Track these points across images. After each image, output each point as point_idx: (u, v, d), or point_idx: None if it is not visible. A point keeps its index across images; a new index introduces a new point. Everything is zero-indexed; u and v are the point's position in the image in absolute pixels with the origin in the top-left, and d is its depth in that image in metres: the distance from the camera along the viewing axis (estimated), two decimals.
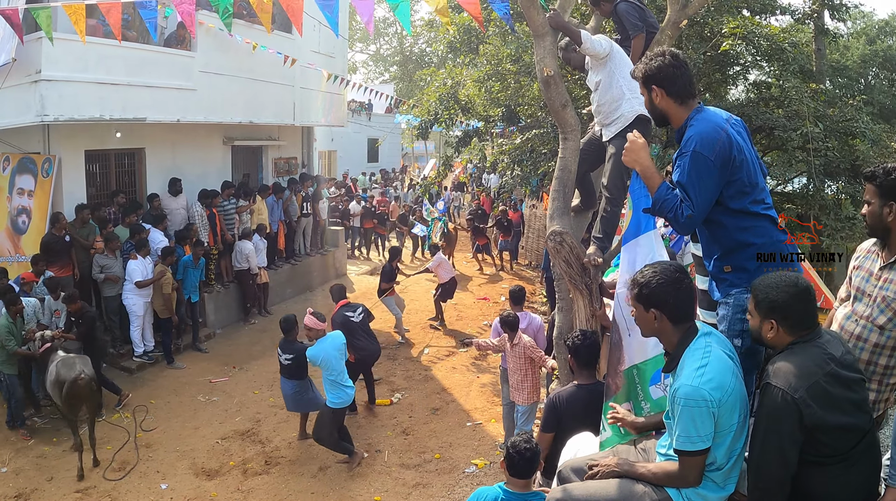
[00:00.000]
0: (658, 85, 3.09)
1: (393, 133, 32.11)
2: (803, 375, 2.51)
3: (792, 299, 2.63)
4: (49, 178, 9.91)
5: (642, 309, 2.82)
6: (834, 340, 2.66)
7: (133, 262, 10.07)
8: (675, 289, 2.72)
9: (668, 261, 2.92)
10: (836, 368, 2.53)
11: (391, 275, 12.32)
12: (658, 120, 3.24)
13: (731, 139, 2.94)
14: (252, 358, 11.21)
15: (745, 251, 3.03)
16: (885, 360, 3.07)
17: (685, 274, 2.79)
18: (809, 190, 12.60)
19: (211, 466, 7.93)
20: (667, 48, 3.20)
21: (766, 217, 3.05)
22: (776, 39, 11.49)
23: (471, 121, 17.60)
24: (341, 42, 15.86)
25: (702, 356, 2.64)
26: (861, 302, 3.19)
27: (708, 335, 2.74)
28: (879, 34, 30.15)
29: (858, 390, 2.58)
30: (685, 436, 2.60)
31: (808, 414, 2.46)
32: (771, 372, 2.60)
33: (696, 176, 2.92)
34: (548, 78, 5.19)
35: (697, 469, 2.66)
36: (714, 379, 2.57)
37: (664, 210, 3.00)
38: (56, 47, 8.63)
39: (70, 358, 7.75)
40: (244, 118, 12.93)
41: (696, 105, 3.10)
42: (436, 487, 7.50)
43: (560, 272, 5.19)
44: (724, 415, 2.58)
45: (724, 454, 2.64)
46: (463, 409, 9.48)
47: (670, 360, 2.77)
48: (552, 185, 5.40)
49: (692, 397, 2.56)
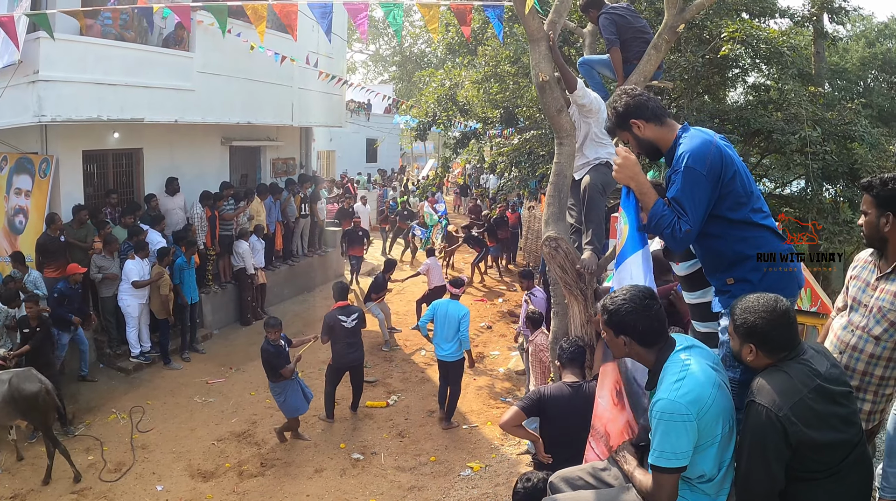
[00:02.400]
0: (634, 117, 3.12)
1: (392, 133, 32.11)
2: (787, 393, 2.48)
3: (769, 325, 2.59)
4: (47, 178, 9.91)
5: (612, 335, 2.83)
6: (818, 355, 2.63)
7: (130, 262, 10.06)
8: (644, 316, 2.72)
9: (638, 287, 2.88)
10: (822, 383, 2.51)
11: (382, 286, 12.29)
12: (649, 152, 3.24)
13: (722, 152, 2.95)
14: (249, 359, 11.19)
15: (748, 263, 3.02)
16: (881, 371, 3.07)
17: (654, 300, 2.79)
18: (807, 193, 12.62)
19: (207, 468, 7.93)
20: (622, 87, 3.28)
21: (765, 227, 3.04)
22: (775, 43, 11.51)
23: (469, 123, 17.61)
24: (340, 42, 15.84)
25: (679, 369, 2.63)
26: (857, 313, 3.19)
27: (688, 348, 2.73)
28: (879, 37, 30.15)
29: (846, 403, 2.56)
30: (659, 451, 2.59)
31: (794, 431, 2.43)
32: (755, 390, 2.58)
33: (691, 191, 2.92)
34: (543, 83, 5.19)
35: (668, 488, 2.63)
36: (691, 392, 2.55)
37: (661, 226, 2.98)
38: (54, 48, 8.64)
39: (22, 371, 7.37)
40: (242, 119, 12.92)
41: (676, 125, 3.12)
42: (431, 490, 7.50)
43: (555, 277, 5.19)
44: (707, 427, 2.57)
45: (712, 465, 2.63)
46: (459, 412, 9.47)
47: (651, 377, 2.77)
48: (547, 190, 5.41)
49: (668, 410, 2.55)
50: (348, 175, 27.46)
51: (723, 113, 12.92)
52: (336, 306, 9.08)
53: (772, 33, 11.83)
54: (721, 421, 2.60)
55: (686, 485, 2.69)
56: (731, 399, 2.71)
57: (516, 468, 7.72)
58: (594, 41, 7.06)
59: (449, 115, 16.57)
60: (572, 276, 4.98)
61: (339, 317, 8.86)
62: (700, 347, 2.80)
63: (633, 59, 6.03)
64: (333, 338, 8.82)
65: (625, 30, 6.05)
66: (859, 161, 12.22)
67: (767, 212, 3.11)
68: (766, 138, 12.81)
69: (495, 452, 8.33)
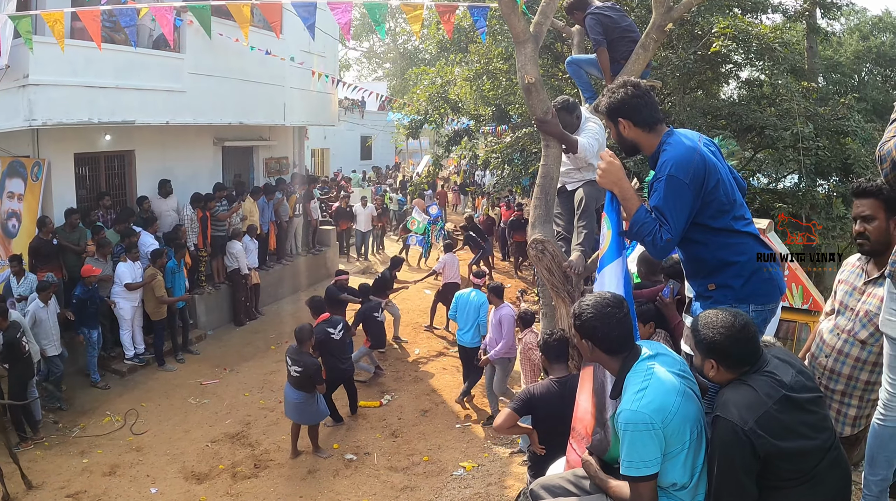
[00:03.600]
0: (624, 117, 3.09)
1: (385, 131, 32.07)
2: (752, 406, 2.49)
3: (728, 341, 2.59)
4: (39, 182, 9.91)
5: (579, 338, 2.87)
6: (782, 364, 2.63)
7: (122, 265, 10.09)
8: (605, 324, 2.74)
9: (605, 294, 2.89)
10: (787, 393, 2.51)
11: (388, 284, 11.85)
12: (628, 150, 3.22)
13: (706, 160, 2.94)
14: (243, 360, 11.22)
15: (730, 269, 3.03)
16: (867, 375, 3.07)
17: (619, 308, 2.79)
18: (801, 188, 12.61)
19: (201, 469, 7.94)
20: (627, 78, 3.17)
21: (747, 234, 3.04)
22: (766, 39, 11.49)
23: (461, 120, 17.57)
24: (332, 41, 15.82)
25: (642, 379, 2.64)
26: (843, 316, 3.19)
27: (652, 357, 2.74)
28: (873, 30, 30.09)
29: (815, 409, 2.56)
30: (629, 461, 2.61)
31: (761, 444, 2.44)
32: (720, 405, 2.58)
33: (673, 199, 2.92)
34: (529, 85, 5.19)
35: (648, 495, 2.66)
36: (654, 401, 2.57)
37: (642, 233, 2.99)
38: (44, 51, 8.63)
39: None
40: (234, 119, 12.90)
41: (664, 129, 3.09)
42: (423, 490, 7.51)
43: (542, 280, 5.20)
44: (673, 435, 2.59)
45: (682, 472, 2.64)
46: (452, 411, 9.49)
47: (615, 386, 2.79)
48: (534, 193, 5.41)
49: (632, 421, 2.57)
50: (343, 173, 27.41)
51: (715, 109, 12.92)
52: (320, 320, 8.86)
53: (763, 29, 11.81)
54: (688, 428, 2.61)
55: (662, 494, 2.70)
56: (698, 405, 2.73)
57: (509, 467, 7.74)
58: (582, 40, 7.05)
59: (440, 113, 16.54)
60: (559, 278, 5.00)
61: (328, 330, 8.70)
62: (666, 355, 2.81)
63: (621, 59, 6.04)
64: (325, 352, 8.65)
65: (611, 30, 6.06)
66: (852, 156, 12.23)
67: (749, 220, 3.11)
68: (759, 134, 12.79)
69: (488, 451, 8.34)
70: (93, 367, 9.82)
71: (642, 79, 6.40)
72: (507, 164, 14.93)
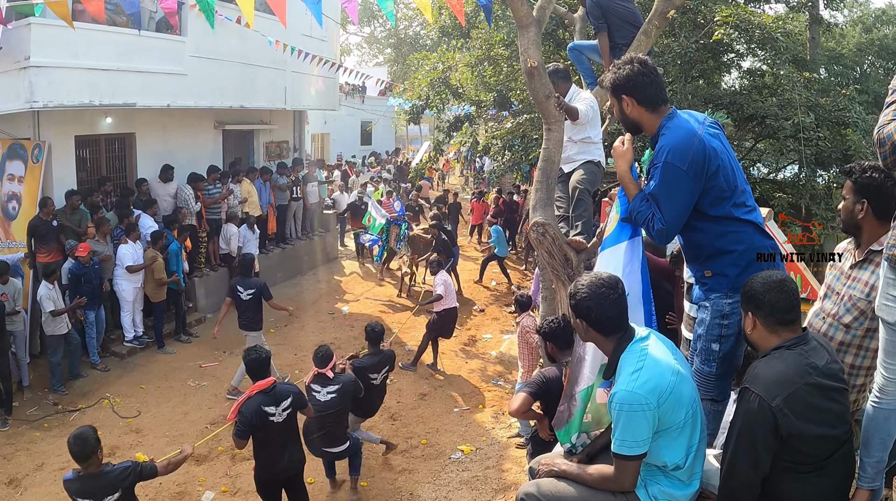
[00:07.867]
0: (628, 94, 3.02)
1: (386, 116, 31.98)
2: (782, 383, 2.48)
3: (763, 288, 2.61)
4: (39, 164, 9.90)
5: (574, 317, 2.87)
6: (819, 348, 2.61)
7: (124, 247, 10.10)
8: (598, 305, 2.72)
9: (602, 274, 2.87)
10: (818, 378, 2.49)
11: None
12: (630, 128, 3.16)
13: (705, 145, 2.88)
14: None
15: (726, 257, 3.00)
16: (851, 359, 3.08)
17: (614, 289, 2.76)
18: (801, 179, 12.62)
19: (200, 451, 7.97)
20: (635, 55, 3.11)
21: (748, 222, 3.00)
22: (769, 29, 11.48)
23: (462, 106, 17.51)
24: (334, 26, 15.78)
25: (637, 360, 2.65)
26: (829, 300, 3.21)
27: (645, 338, 2.76)
28: (876, 23, 30.05)
29: (840, 400, 2.55)
30: (621, 440, 2.62)
31: (784, 423, 2.44)
32: (750, 377, 2.58)
33: (668, 188, 2.89)
34: (531, 69, 5.21)
35: (633, 473, 2.68)
36: (650, 382, 2.58)
37: (638, 221, 3.01)
38: (45, 33, 8.61)
39: None
40: (235, 103, 12.89)
41: (667, 110, 3.02)
42: (422, 473, 7.57)
43: (543, 263, 5.24)
44: (668, 414, 2.61)
45: (678, 451, 2.67)
46: (450, 395, 9.55)
47: (609, 366, 2.81)
48: (536, 176, 5.44)
49: (627, 401, 2.58)
50: (343, 157, 27.37)
51: (716, 97, 12.91)
52: (255, 388, 5.88)
53: (766, 18, 11.79)
54: (683, 408, 2.64)
55: (661, 473, 2.73)
56: (693, 386, 2.75)
57: (506, 451, 7.80)
58: (584, 26, 7.07)
59: (442, 99, 16.51)
60: (559, 262, 5.04)
61: (266, 409, 5.81)
62: (658, 337, 2.82)
63: (622, 44, 6.04)
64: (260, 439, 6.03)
65: (611, 15, 6.06)
66: (853, 147, 12.25)
67: (753, 207, 3.05)
68: (760, 123, 12.80)
69: (486, 435, 8.40)
70: (92, 349, 9.86)
71: None
72: (507, 150, 14.92)
